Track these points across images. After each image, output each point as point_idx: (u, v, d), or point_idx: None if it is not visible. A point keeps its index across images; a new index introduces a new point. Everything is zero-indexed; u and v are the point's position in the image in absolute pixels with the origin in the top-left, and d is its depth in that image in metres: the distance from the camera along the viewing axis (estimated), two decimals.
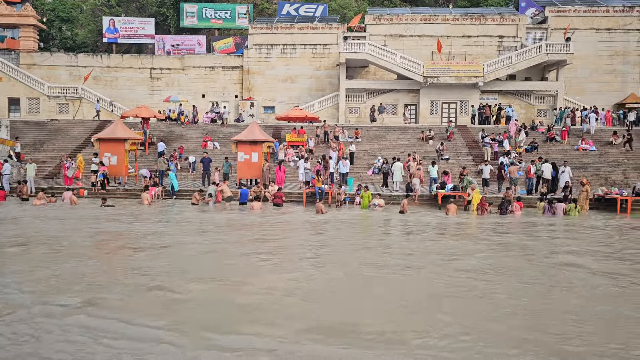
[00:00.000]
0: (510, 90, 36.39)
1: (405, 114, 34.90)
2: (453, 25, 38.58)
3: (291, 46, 39.39)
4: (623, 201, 20.43)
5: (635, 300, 8.60)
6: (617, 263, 11.34)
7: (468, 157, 28.81)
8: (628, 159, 27.96)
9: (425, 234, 14.84)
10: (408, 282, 9.56)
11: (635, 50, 37.85)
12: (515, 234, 15.29)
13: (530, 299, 8.51)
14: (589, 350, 6.40)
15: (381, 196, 21.91)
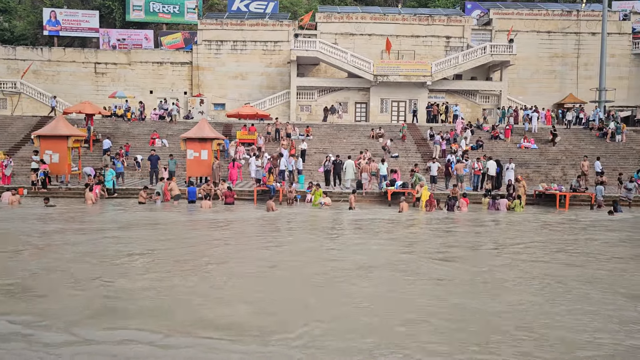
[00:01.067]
0: (457, 90, 37.38)
1: (338, 113, 34.81)
2: (402, 25, 39.24)
3: (242, 43, 39.00)
4: (562, 197, 21.39)
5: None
6: (552, 252, 11.90)
7: (417, 155, 29.40)
8: (567, 156, 29.28)
9: (363, 231, 15.05)
10: (349, 282, 9.66)
11: (573, 52, 39.64)
12: (461, 228, 15.76)
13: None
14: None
15: (332, 194, 22.07)
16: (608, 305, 7.92)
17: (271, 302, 7.90)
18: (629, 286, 9.15)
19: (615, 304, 8.04)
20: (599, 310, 7.66)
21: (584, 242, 13.89)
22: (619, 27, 39.29)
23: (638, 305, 7.99)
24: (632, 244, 13.62)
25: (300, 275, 9.71)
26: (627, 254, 12.13)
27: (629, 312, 7.64)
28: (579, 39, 39.52)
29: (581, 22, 39.42)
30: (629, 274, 10.14)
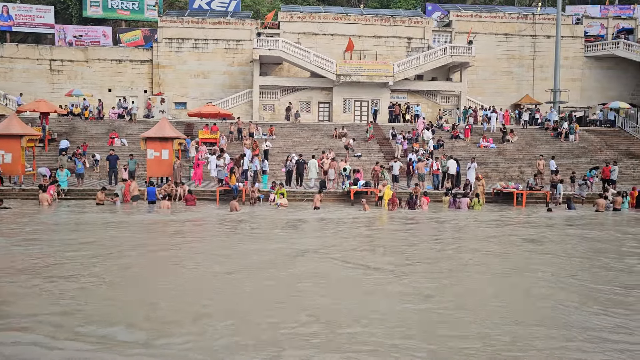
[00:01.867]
0: (418, 90, 37.94)
1: (293, 111, 34.80)
2: (364, 25, 39.55)
3: (203, 41, 38.52)
4: (519, 195, 22.01)
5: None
6: (509, 245, 12.28)
7: (379, 154, 29.69)
8: (523, 155, 30.13)
9: (332, 229, 15.12)
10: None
11: (529, 54, 40.81)
12: (422, 224, 16.04)
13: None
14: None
15: (295, 193, 22.09)
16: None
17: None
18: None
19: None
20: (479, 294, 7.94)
21: (506, 237, 14.47)
22: (572, 31, 40.68)
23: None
24: (535, 241, 14.02)
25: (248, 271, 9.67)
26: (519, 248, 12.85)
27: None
28: (534, 41, 40.72)
29: (537, 25, 40.62)
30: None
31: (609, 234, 15.31)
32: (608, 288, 9.01)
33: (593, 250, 12.58)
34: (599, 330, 6.93)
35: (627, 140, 33.27)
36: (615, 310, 7.77)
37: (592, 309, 7.83)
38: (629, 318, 7.45)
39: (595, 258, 11.70)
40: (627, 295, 8.68)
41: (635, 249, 13.02)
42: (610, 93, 40.20)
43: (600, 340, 6.59)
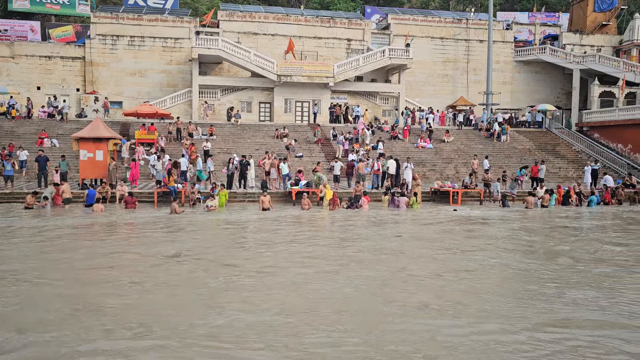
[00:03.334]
0: (358, 91, 38.50)
1: (206, 110, 34.53)
2: (305, 26, 39.69)
3: (140, 38, 37.39)
4: (455, 193, 22.80)
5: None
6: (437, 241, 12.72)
7: (321, 155, 29.89)
8: (459, 155, 31.21)
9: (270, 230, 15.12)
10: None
11: (463, 58, 42.33)
12: (362, 222, 16.31)
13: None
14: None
15: (236, 194, 21.88)
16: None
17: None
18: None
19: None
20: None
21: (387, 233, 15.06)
22: (503, 36, 42.55)
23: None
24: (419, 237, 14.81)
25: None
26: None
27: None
28: (468, 45, 42.27)
29: (470, 30, 42.19)
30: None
31: (536, 226, 16.18)
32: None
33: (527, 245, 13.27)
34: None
35: (554, 140, 35.18)
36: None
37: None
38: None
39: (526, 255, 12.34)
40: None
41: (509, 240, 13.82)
42: (538, 96, 42.37)
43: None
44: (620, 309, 8.00)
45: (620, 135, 33.75)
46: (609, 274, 10.29)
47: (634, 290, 9.05)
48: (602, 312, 7.81)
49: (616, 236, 15.03)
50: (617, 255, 12.29)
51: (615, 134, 34.20)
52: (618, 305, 8.15)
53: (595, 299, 8.48)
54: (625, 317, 7.63)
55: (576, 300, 8.40)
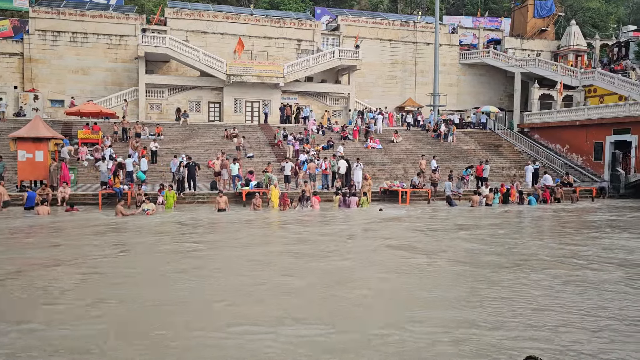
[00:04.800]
0: (308, 92, 38.60)
1: (124, 107, 33.95)
2: (254, 25, 39.44)
3: (82, 35, 36.08)
4: (404, 193, 23.24)
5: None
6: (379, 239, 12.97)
7: (271, 155, 29.79)
8: (407, 155, 31.84)
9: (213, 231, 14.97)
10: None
11: (411, 60, 43.19)
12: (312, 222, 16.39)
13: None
14: None
15: (185, 195, 21.51)
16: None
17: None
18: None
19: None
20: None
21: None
22: (449, 39, 43.71)
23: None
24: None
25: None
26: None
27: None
28: (416, 48, 43.17)
29: (417, 32, 43.11)
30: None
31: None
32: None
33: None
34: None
35: (497, 141, 36.46)
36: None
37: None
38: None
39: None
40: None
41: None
42: (482, 98, 43.78)
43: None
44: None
45: (559, 136, 35.35)
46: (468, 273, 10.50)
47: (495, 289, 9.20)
48: (439, 310, 7.92)
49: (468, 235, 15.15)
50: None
51: (554, 135, 35.79)
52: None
53: (444, 297, 8.69)
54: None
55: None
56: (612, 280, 9.79)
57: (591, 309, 7.96)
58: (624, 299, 8.53)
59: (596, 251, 12.74)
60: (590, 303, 8.27)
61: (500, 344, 6.50)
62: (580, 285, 9.40)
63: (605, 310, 7.96)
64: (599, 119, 31.82)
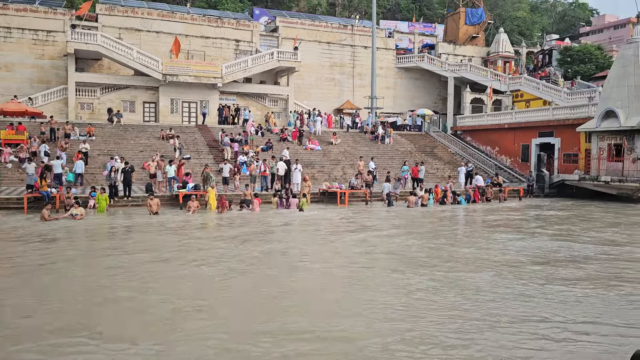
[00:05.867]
0: (247, 93, 38.28)
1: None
2: (191, 24, 38.69)
3: (5, 29, 34.07)
4: (342, 194, 23.52)
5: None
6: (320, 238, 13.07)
7: (209, 157, 29.31)
8: (346, 157, 32.24)
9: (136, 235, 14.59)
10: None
11: (349, 63, 43.80)
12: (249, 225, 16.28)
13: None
14: None
15: (118, 199, 20.78)
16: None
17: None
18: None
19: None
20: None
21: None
22: (386, 43, 44.68)
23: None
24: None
25: None
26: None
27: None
28: (354, 51, 43.82)
29: (355, 36, 43.79)
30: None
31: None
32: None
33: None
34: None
35: (432, 143, 37.62)
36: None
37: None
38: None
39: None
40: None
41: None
42: (418, 101, 45.05)
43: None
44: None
45: (489, 138, 36.94)
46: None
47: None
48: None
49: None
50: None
51: (485, 138, 37.37)
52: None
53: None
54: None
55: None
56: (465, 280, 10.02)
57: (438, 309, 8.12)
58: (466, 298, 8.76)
59: (472, 251, 12.85)
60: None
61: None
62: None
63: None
64: (526, 122, 33.52)
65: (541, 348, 6.64)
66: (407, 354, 6.35)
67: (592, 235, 15.76)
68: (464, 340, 6.78)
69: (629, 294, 9.19)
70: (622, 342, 6.92)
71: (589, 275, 10.53)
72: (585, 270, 10.91)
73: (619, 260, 12.10)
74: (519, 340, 6.84)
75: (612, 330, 7.34)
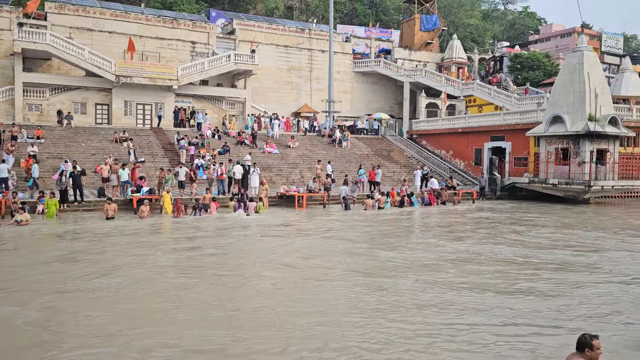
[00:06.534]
0: (204, 95, 37.79)
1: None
2: (146, 25, 37.93)
3: None
4: (300, 197, 23.53)
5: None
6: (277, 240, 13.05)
7: (164, 160, 28.77)
8: (304, 160, 32.29)
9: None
10: None
11: (306, 66, 43.93)
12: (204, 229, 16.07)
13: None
14: None
15: (69, 204, 20.10)
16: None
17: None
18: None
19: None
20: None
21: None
22: (343, 48, 45.06)
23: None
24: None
25: None
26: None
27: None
28: (311, 54, 44.00)
29: (313, 40, 43.97)
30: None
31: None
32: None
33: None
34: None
35: (388, 147, 38.15)
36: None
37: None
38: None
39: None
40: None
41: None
42: (375, 105, 45.62)
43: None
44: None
45: (444, 142, 37.78)
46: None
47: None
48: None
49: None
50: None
51: (440, 141, 38.19)
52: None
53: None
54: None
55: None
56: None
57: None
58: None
59: (386, 255, 12.89)
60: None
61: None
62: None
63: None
64: (478, 126, 34.48)
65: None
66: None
67: (514, 238, 15.99)
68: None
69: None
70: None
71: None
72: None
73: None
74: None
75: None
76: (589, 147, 26.70)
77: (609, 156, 27.34)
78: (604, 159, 27.30)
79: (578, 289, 9.91)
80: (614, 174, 27.43)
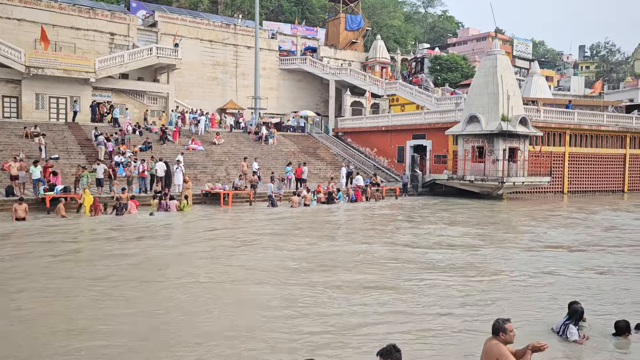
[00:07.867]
0: (124, 89, 36.28)
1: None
2: (59, 14, 35.83)
3: None
4: (225, 195, 23.20)
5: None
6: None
7: (81, 156, 27.35)
8: (229, 157, 31.85)
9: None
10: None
11: (232, 62, 43.33)
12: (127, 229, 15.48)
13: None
14: None
15: None
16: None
17: None
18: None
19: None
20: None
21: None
22: (269, 44, 44.85)
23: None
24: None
25: None
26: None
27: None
28: (237, 50, 43.44)
29: (238, 35, 43.43)
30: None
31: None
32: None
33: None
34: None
35: (315, 144, 38.46)
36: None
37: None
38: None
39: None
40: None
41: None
42: (301, 102, 45.80)
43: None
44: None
45: (368, 140, 38.62)
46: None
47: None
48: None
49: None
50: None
51: (364, 139, 39.01)
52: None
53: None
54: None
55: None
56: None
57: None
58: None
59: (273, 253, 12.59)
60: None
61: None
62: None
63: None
64: (401, 125, 35.55)
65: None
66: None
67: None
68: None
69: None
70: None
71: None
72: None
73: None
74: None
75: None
76: (502, 145, 28.25)
77: (519, 154, 29.08)
78: (515, 157, 29.01)
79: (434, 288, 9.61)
80: (524, 171, 29.22)
